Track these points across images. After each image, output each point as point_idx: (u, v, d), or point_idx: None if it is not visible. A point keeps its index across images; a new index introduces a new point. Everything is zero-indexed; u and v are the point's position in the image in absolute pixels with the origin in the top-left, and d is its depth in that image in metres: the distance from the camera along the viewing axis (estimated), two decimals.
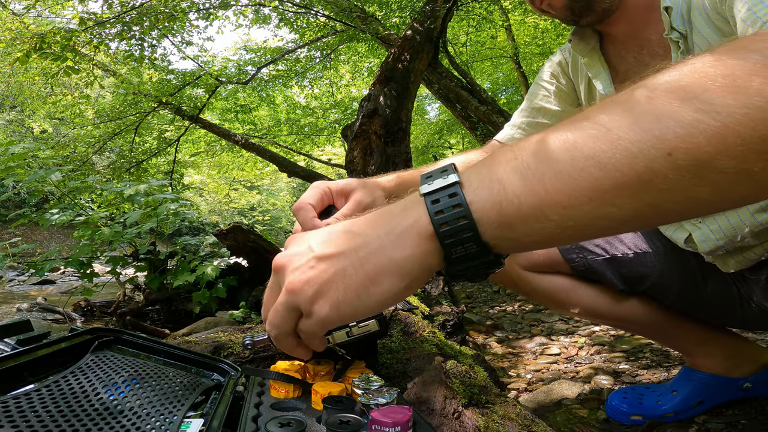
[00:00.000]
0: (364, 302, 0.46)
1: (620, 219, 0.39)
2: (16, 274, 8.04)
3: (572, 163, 0.39)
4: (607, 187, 0.38)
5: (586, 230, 0.41)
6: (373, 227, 0.47)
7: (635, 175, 0.37)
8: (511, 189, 0.41)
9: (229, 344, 1.02)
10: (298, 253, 0.49)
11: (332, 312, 0.46)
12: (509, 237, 0.42)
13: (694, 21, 0.76)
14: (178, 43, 6.97)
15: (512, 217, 0.41)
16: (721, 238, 0.83)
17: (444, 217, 0.42)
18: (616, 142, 0.38)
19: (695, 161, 0.35)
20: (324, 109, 9.16)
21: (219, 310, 2.55)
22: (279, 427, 0.54)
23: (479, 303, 3.08)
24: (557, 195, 0.39)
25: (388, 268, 0.44)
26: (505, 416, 0.85)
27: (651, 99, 0.38)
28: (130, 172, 7.25)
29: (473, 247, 0.42)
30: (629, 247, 0.98)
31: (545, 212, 0.40)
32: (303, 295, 0.47)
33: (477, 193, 0.42)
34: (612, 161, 0.38)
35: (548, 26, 7.64)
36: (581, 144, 0.39)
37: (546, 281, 1.04)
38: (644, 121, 0.37)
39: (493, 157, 0.44)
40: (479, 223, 0.42)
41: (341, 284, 0.46)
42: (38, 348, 0.59)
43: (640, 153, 0.37)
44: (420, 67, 4.04)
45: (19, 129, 15.81)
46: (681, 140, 0.36)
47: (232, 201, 18.36)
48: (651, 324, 1.05)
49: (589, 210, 0.39)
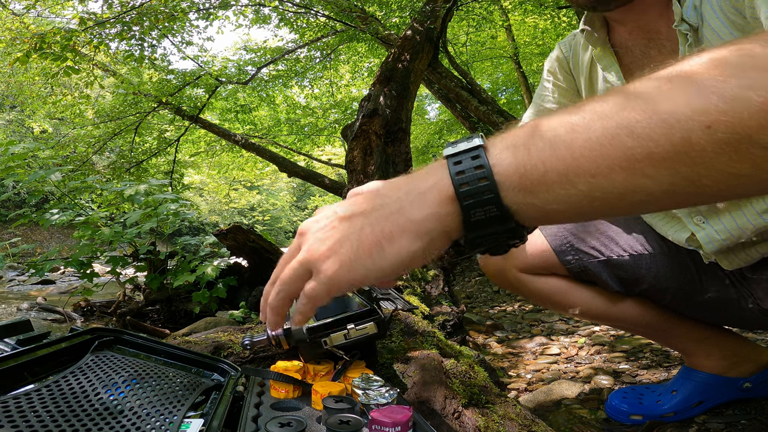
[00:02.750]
0: (376, 262, 0.44)
1: (653, 193, 0.39)
2: (16, 274, 8.04)
3: (603, 131, 0.38)
4: (639, 157, 0.37)
5: (616, 203, 0.40)
6: (396, 189, 0.46)
7: (671, 146, 0.37)
8: (536, 154, 0.40)
9: (229, 344, 1.02)
10: (324, 216, 0.49)
11: (342, 271, 0.45)
12: (532, 203, 0.41)
13: (705, 13, 0.75)
14: (178, 43, 6.97)
15: (536, 183, 0.40)
16: (727, 239, 0.83)
17: (465, 177, 0.42)
18: (651, 113, 0.37)
19: (736, 135, 0.35)
20: (324, 109, 9.16)
21: (219, 310, 2.55)
22: (279, 427, 0.54)
23: (479, 303, 3.08)
24: (585, 162, 0.39)
25: (406, 227, 0.43)
26: (505, 416, 0.85)
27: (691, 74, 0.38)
28: (130, 172, 7.25)
29: (493, 210, 0.41)
30: (624, 249, 0.98)
31: (571, 179, 0.39)
32: (317, 254, 0.46)
33: (500, 156, 0.42)
34: (646, 131, 0.37)
35: (548, 26, 7.64)
36: (613, 114, 0.39)
37: (542, 283, 1.04)
38: (683, 95, 0.37)
39: (521, 127, 0.43)
40: (501, 186, 0.41)
41: (355, 242, 0.44)
42: (38, 348, 0.59)
43: (677, 124, 0.36)
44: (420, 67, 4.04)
45: (19, 129, 15.80)
46: (722, 113, 0.35)
47: (232, 201, 18.36)
48: (648, 324, 1.05)
49: (620, 180, 0.38)
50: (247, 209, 23.60)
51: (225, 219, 21.11)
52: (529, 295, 1.08)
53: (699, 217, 0.85)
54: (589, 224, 1.01)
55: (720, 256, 0.88)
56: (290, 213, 28.16)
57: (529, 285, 1.05)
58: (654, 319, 1.04)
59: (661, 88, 0.38)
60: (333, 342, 0.73)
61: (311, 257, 0.46)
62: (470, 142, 0.44)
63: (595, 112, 0.40)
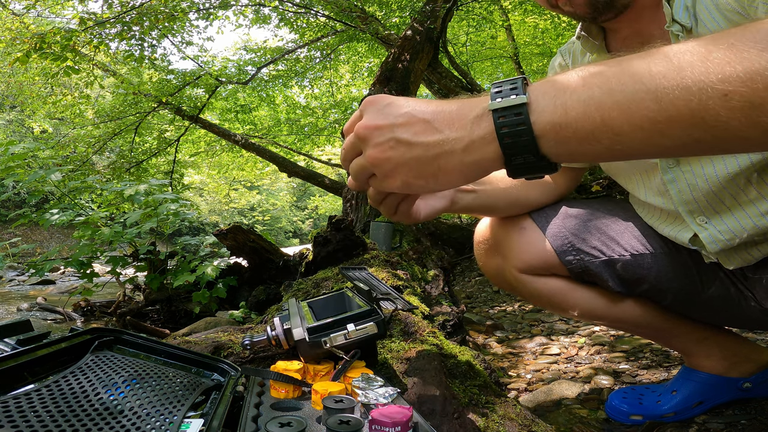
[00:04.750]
0: (430, 186, 0.55)
1: (666, 147, 0.45)
2: (16, 274, 8.04)
3: (633, 95, 0.44)
4: (659, 119, 0.43)
5: (632, 153, 0.47)
6: (450, 126, 0.53)
7: (688, 111, 0.42)
8: (572, 114, 0.46)
9: (229, 344, 1.02)
10: (380, 128, 0.56)
11: (402, 186, 0.56)
12: (563, 152, 0.49)
13: (699, 14, 0.75)
14: (178, 43, 6.97)
15: (569, 138, 0.47)
16: (730, 239, 0.83)
17: (508, 132, 0.49)
18: (676, 80, 0.42)
19: (748, 104, 0.40)
20: (324, 109, 9.16)
21: (219, 310, 2.55)
22: (279, 427, 0.54)
23: (479, 303, 3.08)
24: (612, 122, 0.45)
25: (457, 167, 0.53)
26: (505, 416, 0.85)
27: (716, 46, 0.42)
28: (130, 172, 7.25)
29: (531, 158, 0.49)
30: (626, 248, 0.98)
31: (598, 137, 0.46)
32: (380, 169, 0.56)
33: (542, 114, 0.48)
34: (670, 97, 0.42)
35: (548, 26, 7.63)
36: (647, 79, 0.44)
37: (542, 284, 1.04)
38: (707, 64, 0.42)
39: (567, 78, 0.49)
40: (539, 140, 0.48)
41: (415, 169, 0.54)
42: (38, 348, 0.59)
43: (698, 92, 0.41)
44: (420, 67, 4.04)
45: (19, 129, 15.80)
46: (741, 83, 0.40)
47: (232, 201, 18.35)
48: (648, 324, 1.05)
49: (640, 138, 0.44)
50: (247, 209, 23.60)
51: (225, 219, 21.10)
52: (529, 296, 1.08)
53: (702, 218, 0.85)
54: (590, 224, 1.01)
55: (722, 255, 0.88)
56: (290, 213, 28.17)
57: (529, 286, 1.05)
58: (654, 320, 1.04)
59: (689, 55, 0.43)
60: (333, 342, 0.73)
61: (375, 170, 0.57)
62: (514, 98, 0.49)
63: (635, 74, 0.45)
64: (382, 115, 0.56)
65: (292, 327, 0.78)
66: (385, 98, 0.58)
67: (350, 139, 0.60)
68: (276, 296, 2.36)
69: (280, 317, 0.84)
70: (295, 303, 0.97)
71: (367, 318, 0.77)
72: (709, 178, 0.80)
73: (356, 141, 0.59)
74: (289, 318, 0.83)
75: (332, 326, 0.75)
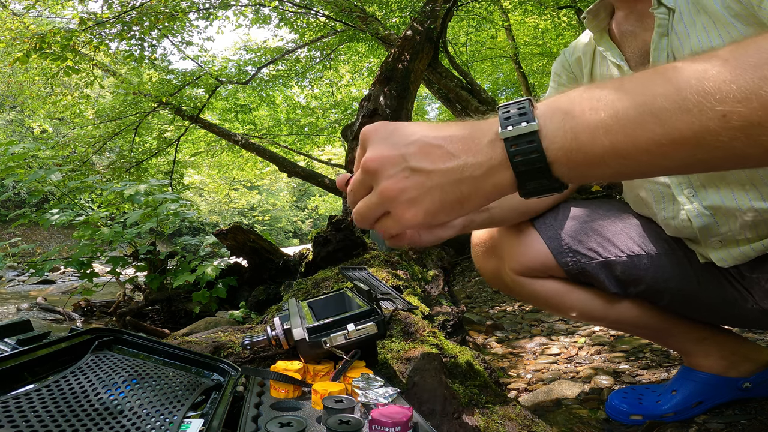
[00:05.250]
0: (453, 214, 0.54)
1: (670, 168, 0.47)
2: (16, 274, 8.04)
3: (637, 118, 0.45)
4: (664, 142, 0.44)
5: (639, 174, 0.49)
6: (466, 152, 0.52)
7: (691, 133, 0.43)
8: (582, 139, 0.48)
9: (229, 344, 1.02)
10: (391, 159, 0.53)
11: (425, 218, 0.54)
12: (575, 175, 0.50)
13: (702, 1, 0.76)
14: (178, 43, 6.97)
15: (579, 163, 0.49)
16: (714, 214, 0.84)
17: (522, 160, 0.50)
18: (677, 102, 0.43)
19: (747, 124, 0.41)
20: (324, 109, 9.15)
21: (219, 310, 2.55)
22: (279, 427, 0.54)
23: (479, 303, 3.08)
24: (619, 147, 0.46)
25: (477, 193, 0.53)
26: (505, 416, 0.86)
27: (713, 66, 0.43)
28: (130, 172, 7.24)
29: (545, 182, 0.51)
30: (622, 249, 0.98)
31: (606, 161, 0.47)
32: (396, 202, 0.53)
33: (553, 141, 0.49)
34: (672, 119, 0.43)
35: (548, 26, 7.64)
36: (650, 101, 0.45)
37: (539, 285, 1.04)
38: (705, 84, 0.43)
39: (572, 102, 0.50)
40: (552, 166, 0.49)
41: (438, 198, 0.52)
42: (38, 348, 0.59)
43: (699, 114, 0.42)
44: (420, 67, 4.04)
45: (19, 129, 15.81)
46: (738, 103, 0.41)
47: (232, 201, 18.36)
48: (646, 325, 1.05)
49: (646, 160, 0.46)
50: (247, 209, 23.60)
51: (225, 219, 21.10)
52: (526, 298, 1.08)
53: (689, 190, 0.87)
54: (587, 226, 1.01)
55: (713, 252, 0.88)
56: (290, 213, 28.17)
57: (526, 288, 1.05)
58: (651, 320, 1.04)
59: (687, 72, 0.44)
60: (333, 342, 0.73)
61: (391, 205, 0.54)
62: (524, 126, 0.49)
63: (632, 95, 0.46)
64: (389, 144, 0.53)
65: (292, 327, 0.78)
66: (385, 126, 0.55)
67: (358, 177, 0.56)
68: (276, 296, 2.36)
69: (280, 317, 0.84)
70: (295, 303, 0.97)
71: (367, 318, 0.77)
72: None
73: (365, 177, 0.55)
74: (289, 318, 0.83)
75: (332, 326, 0.75)
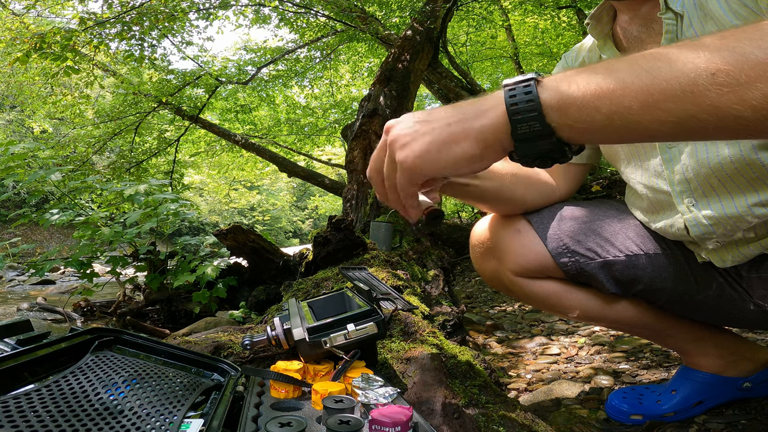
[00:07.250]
0: (443, 156, 0.57)
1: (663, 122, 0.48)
2: (16, 274, 8.04)
3: (630, 72, 0.49)
4: (653, 92, 0.48)
5: (631, 126, 0.50)
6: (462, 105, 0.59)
7: (679, 86, 0.47)
8: (574, 86, 0.51)
9: (229, 344, 1.02)
10: (403, 119, 0.63)
11: (417, 160, 0.59)
12: (566, 122, 0.52)
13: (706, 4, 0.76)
14: (178, 43, 6.97)
15: (569, 105, 0.51)
16: (713, 224, 0.83)
17: (516, 99, 0.54)
18: (672, 61, 0.47)
19: (734, 81, 0.44)
20: (324, 109, 9.15)
21: (219, 310, 2.55)
22: (279, 427, 0.54)
23: (479, 303, 3.08)
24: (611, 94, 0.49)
25: (469, 133, 0.56)
26: (505, 416, 0.85)
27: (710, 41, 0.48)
28: (130, 172, 7.24)
29: (537, 126, 0.52)
30: (620, 249, 0.98)
31: (596, 104, 0.50)
32: (394, 146, 0.61)
33: (548, 86, 0.53)
34: (662, 73, 0.47)
35: (548, 26, 7.64)
36: (642, 62, 0.50)
37: (537, 286, 1.04)
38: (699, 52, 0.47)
39: (571, 70, 0.54)
40: (543, 105, 0.52)
41: (428, 138, 0.58)
42: (38, 348, 0.59)
43: (689, 71, 0.46)
44: (420, 67, 4.04)
45: (19, 129, 15.80)
46: (727, 63, 0.45)
47: (232, 201, 18.34)
48: (644, 325, 1.05)
49: (636, 109, 0.49)
50: (247, 209, 23.59)
51: (225, 219, 21.10)
52: (525, 298, 1.08)
53: (690, 200, 0.86)
54: (585, 226, 1.01)
55: (713, 254, 0.88)
56: (290, 213, 28.17)
57: (525, 288, 1.05)
58: (650, 320, 1.04)
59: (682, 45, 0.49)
60: (333, 342, 0.73)
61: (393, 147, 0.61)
62: (525, 76, 0.56)
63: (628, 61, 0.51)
64: (404, 120, 0.63)
65: (292, 327, 0.78)
66: (406, 114, 0.64)
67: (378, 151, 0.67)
68: (276, 296, 2.36)
69: (280, 317, 0.84)
70: (295, 303, 0.97)
71: (367, 318, 0.77)
72: (701, 161, 0.81)
73: (383, 138, 0.64)
74: (289, 318, 0.83)
75: (332, 326, 0.75)
